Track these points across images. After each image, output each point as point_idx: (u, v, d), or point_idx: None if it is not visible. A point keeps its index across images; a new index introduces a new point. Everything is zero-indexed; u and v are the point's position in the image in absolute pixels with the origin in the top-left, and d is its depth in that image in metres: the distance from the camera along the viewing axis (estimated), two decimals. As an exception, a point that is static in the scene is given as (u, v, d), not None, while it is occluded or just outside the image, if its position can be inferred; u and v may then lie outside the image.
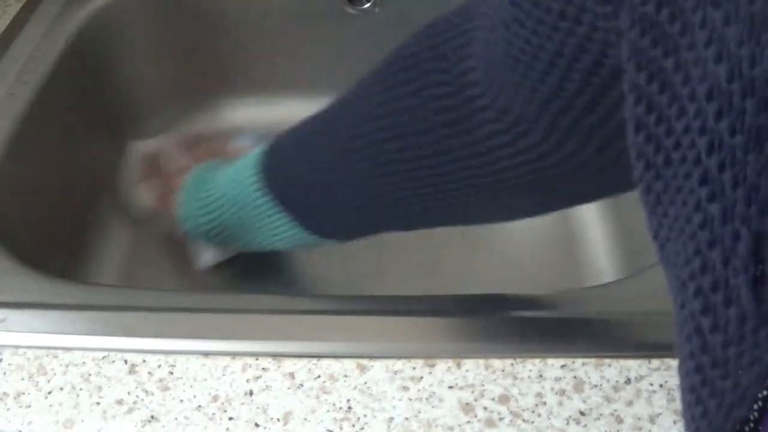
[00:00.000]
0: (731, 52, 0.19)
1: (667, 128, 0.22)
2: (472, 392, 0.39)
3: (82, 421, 0.38)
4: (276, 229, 0.49)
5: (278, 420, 0.38)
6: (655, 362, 0.40)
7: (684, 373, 0.22)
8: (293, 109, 0.81)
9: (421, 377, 0.39)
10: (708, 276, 0.20)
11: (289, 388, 0.39)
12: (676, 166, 0.21)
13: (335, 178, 0.44)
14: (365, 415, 0.38)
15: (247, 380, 0.39)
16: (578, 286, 0.53)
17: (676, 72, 0.21)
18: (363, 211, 0.45)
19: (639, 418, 0.37)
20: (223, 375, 0.40)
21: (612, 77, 0.29)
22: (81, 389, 0.39)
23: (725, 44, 0.19)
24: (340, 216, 0.46)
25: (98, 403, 0.38)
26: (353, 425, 0.37)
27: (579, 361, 0.40)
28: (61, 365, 0.40)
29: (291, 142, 0.48)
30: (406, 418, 0.38)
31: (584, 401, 0.38)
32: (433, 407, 0.38)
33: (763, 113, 0.18)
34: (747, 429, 0.19)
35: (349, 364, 0.40)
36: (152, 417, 0.38)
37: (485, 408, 0.38)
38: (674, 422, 0.37)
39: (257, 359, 0.40)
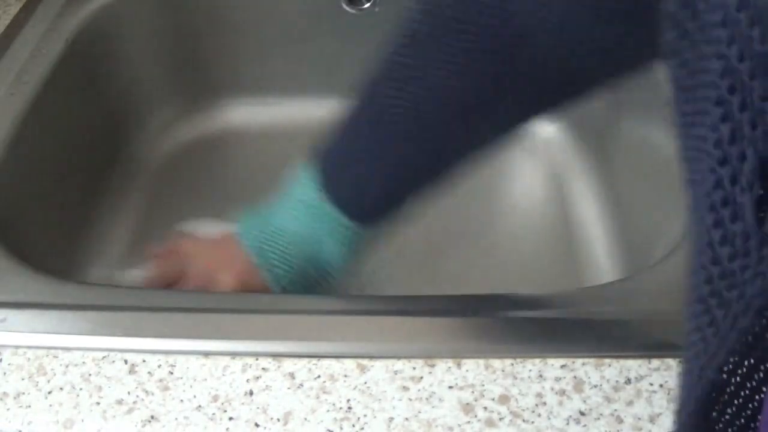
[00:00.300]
0: None
1: (697, 54, 0.23)
2: (472, 392, 0.39)
3: (82, 421, 0.38)
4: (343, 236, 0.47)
5: (278, 420, 0.38)
6: (655, 362, 0.40)
7: (693, 286, 0.24)
8: (292, 109, 0.82)
9: (421, 377, 0.39)
10: (719, 192, 0.21)
11: (289, 388, 0.39)
12: (700, 89, 0.23)
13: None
14: (365, 415, 0.38)
15: (247, 380, 0.39)
16: (578, 286, 0.53)
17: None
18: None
19: (639, 418, 0.37)
20: (223, 375, 0.40)
21: None
22: (81, 389, 0.39)
23: None
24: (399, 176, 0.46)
25: (98, 403, 0.38)
26: (353, 425, 0.37)
27: (579, 361, 0.40)
28: (61, 365, 0.40)
29: (344, 147, 0.46)
30: (406, 418, 0.38)
31: (584, 401, 0.38)
32: (433, 407, 0.38)
33: None
34: (750, 339, 0.21)
35: (349, 364, 0.40)
36: (152, 417, 0.38)
37: (485, 408, 0.38)
38: (674, 422, 0.37)
39: (257, 359, 0.40)
